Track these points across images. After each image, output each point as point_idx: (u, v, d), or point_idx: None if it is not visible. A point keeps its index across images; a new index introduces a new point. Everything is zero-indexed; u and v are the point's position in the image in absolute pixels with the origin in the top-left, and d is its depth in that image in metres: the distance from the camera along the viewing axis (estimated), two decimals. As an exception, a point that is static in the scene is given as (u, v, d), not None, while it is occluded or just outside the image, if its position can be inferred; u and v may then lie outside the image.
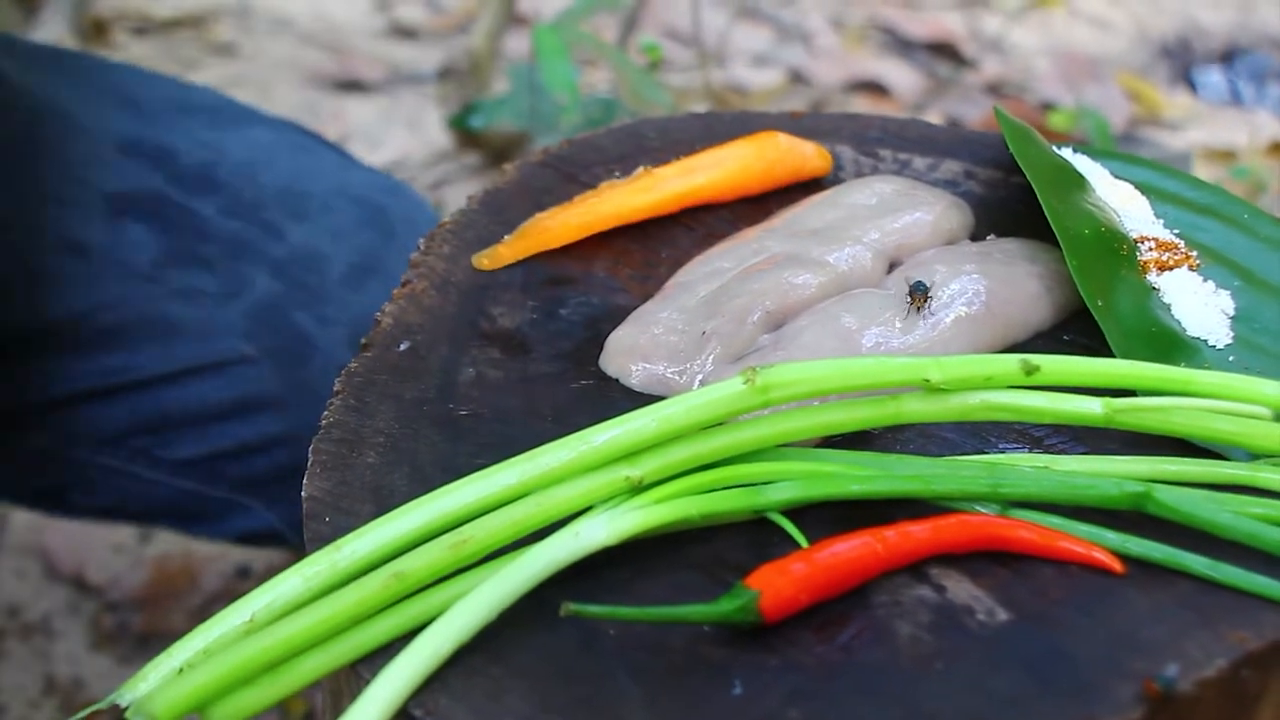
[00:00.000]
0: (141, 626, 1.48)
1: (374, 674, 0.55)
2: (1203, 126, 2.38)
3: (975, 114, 2.32)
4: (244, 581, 1.52)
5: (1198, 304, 0.74)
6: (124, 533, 1.58)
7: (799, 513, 0.62)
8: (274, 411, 0.64)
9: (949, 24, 2.62)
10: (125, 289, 0.96)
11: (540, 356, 0.74)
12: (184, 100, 0.96)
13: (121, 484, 1.03)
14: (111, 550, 1.56)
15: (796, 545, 0.60)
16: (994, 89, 2.44)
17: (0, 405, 0.96)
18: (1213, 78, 2.54)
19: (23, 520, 1.58)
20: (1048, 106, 2.34)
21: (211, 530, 1.09)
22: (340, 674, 0.59)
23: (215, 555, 1.55)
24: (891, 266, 0.78)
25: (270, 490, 0.63)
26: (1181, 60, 2.60)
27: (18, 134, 0.92)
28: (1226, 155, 2.27)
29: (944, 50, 2.55)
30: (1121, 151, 0.92)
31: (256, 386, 0.98)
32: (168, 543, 1.57)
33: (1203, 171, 2.16)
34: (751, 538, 0.63)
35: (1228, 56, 2.61)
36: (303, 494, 0.66)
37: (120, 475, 1.02)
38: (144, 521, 1.22)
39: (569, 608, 0.57)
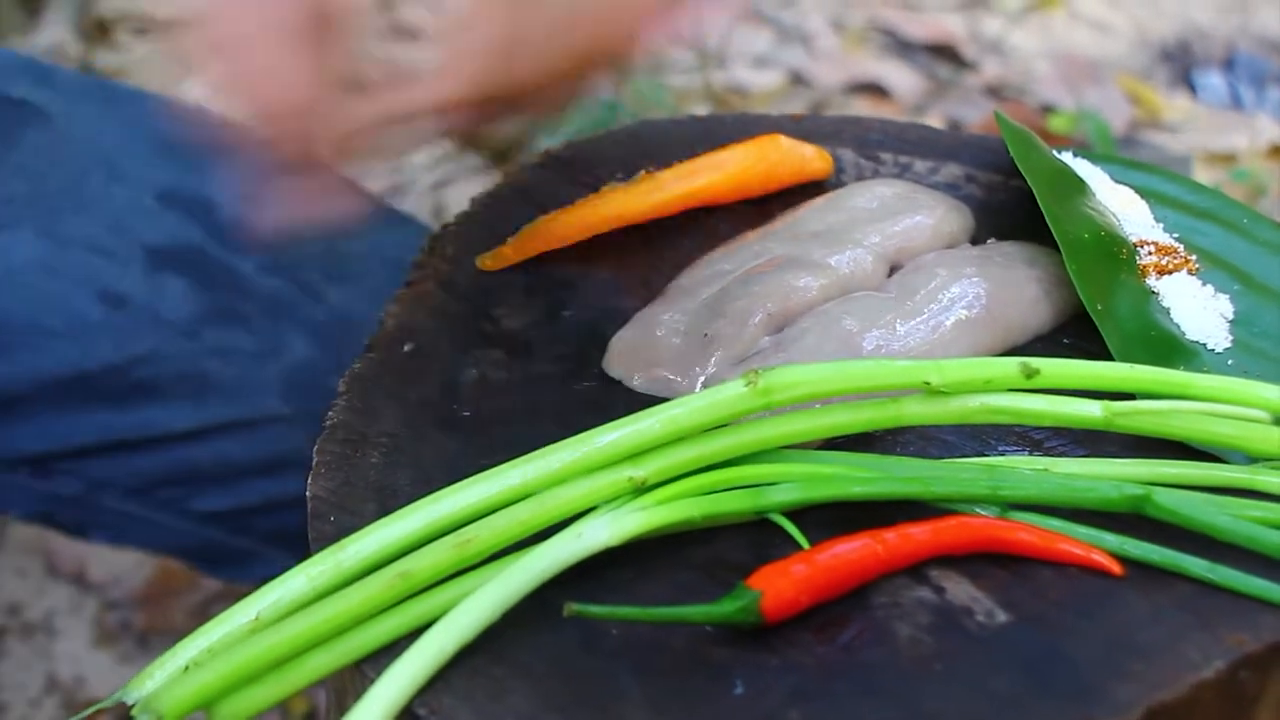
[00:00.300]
0: (143, 625, 1.48)
1: (378, 673, 0.56)
2: (1203, 129, 2.38)
3: (976, 116, 2.32)
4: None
5: (1197, 308, 0.75)
6: (125, 532, 1.58)
7: (799, 514, 0.63)
8: (305, 471, 0.65)
9: (949, 26, 2.62)
10: (162, 343, 0.96)
11: (543, 358, 0.75)
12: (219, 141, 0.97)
13: (147, 530, 1.04)
14: (113, 549, 1.56)
15: (797, 546, 0.61)
16: (994, 91, 2.45)
17: (29, 451, 0.97)
18: (1213, 81, 2.55)
19: (24, 519, 1.59)
20: (1048, 109, 2.35)
21: (235, 574, 1.10)
22: (344, 673, 0.59)
23: (216, 554, 1.56)
24: (892, 269, 0.78)
25: (297, 546, 0.64)
26: (1182, 63, 2.61)
27: (64, 181, 0.93)
28: (1226, 158, 2.27)
29: (944, 52, 2.55)
30: (1121, 155, 0.92)
31: (289, 446, 0.99)
32: (169, 542, 1.57)
33: (1203, 174, 2.17)
34: (753, 539, 0.63)
35: (1228, 60, 2.61)
36: (307, 494, 0.66)
37: (147, 523, 1.03)
38: (167, 554, 1.23)
39: (572, 608, 0.57)
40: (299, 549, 0.65)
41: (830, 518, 0.63)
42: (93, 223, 0.83)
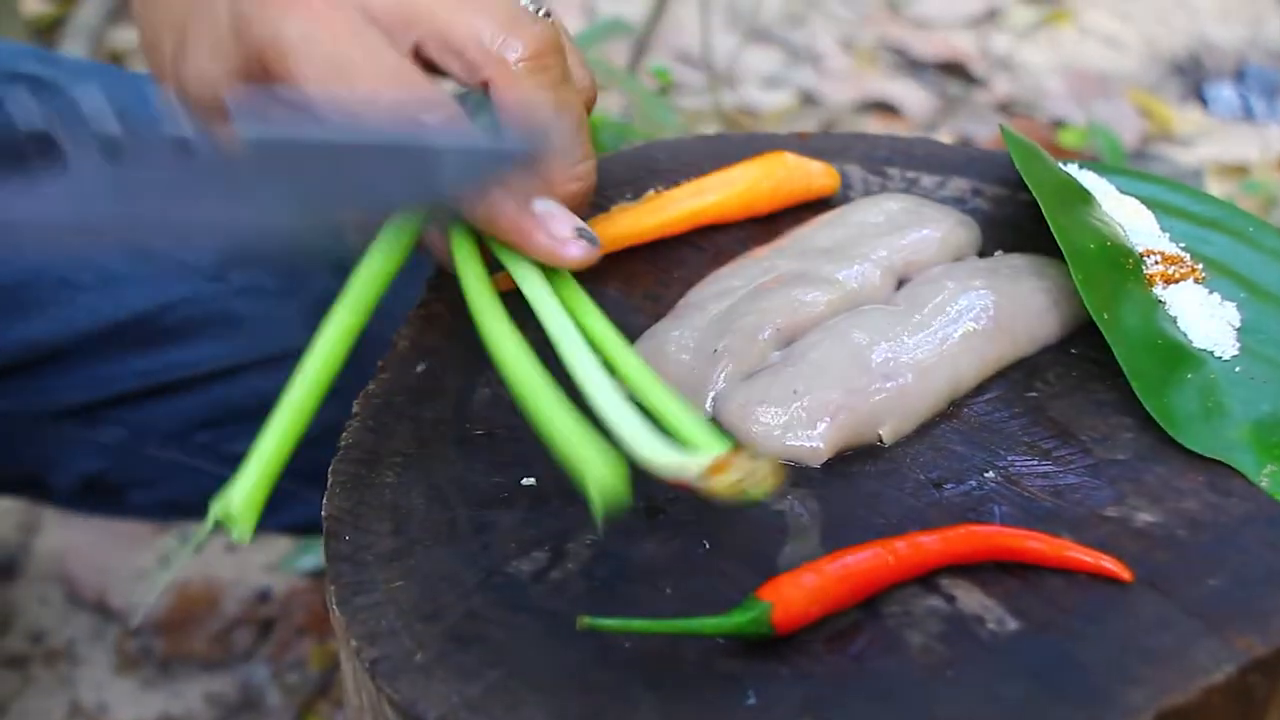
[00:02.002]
0: (164, 651, 1.49)
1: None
2: (1214, 142, 2.39)
3: (986, 133, 2.33)
4: (264, 605, 1.53)
5: (1204, 316, 0.75)
6: (146, 558, 1.59)
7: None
8: (334, 401, 0.66)
9: (959, 43, 2.63)
10: (190, 288, 1.01)
11: (555, 376, 0.75)
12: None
13: (183, 479, 1.06)
14: (134, 576, 1.57)
15: (809, 557, 0.61)
16: (1005, 107, 2.45)
17: (74, 402, 1.00)
18: (1224, 93, 2.55)
19: (45, 547, 1.60)
20: (1059, 124, 2.35)
21: (276, 521, 1.12)
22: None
23: (236, 580, 1.57)
24: (900, 283, 0.79)
25: (326, 480, 0.67)
26: (1192, 76, 2.61)
27: None
28: (1238, 170, 2.27)
29: (954, 70, 2.56)
30: (1128, 167, 0.92)
31: None
32: (189, 568, 1.58)
33: (1215, 187, 2.17)
34: (763, 550, 0.64)
35: (1239, 72, 2.61)
36: (322, 513, 0.67)
37: (183, 470, 1.06)
38: (199, 515, 1.24)
39: (585, 621, 0.58)
40: (326, 483, 0.68)
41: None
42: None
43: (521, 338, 0.67)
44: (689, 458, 0.60)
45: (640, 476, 0.62)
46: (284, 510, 1.10)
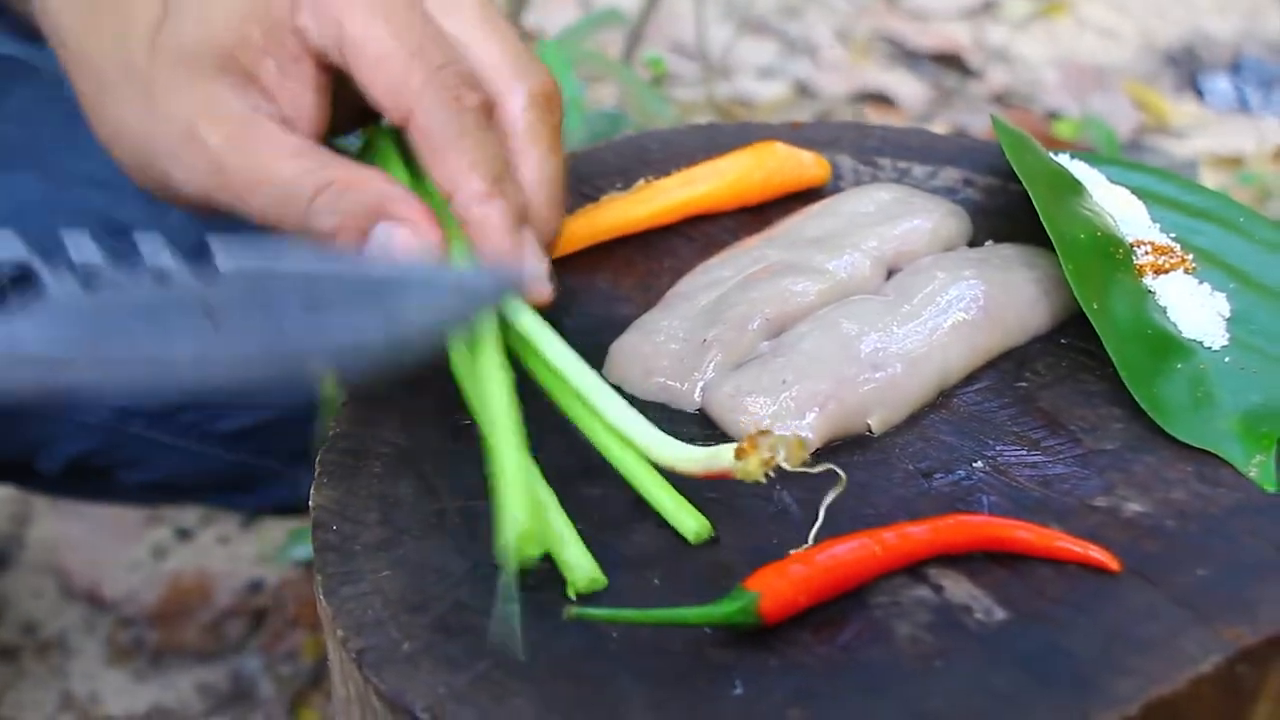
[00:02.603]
0: (157, 642, 1.49)
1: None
2: (1210, 134, 2.39)
3: (981, 124, 2.32)
4: (257, 596, 1.53)
5: (1194, 306, 0.75)
6: (139, 550, 1.59)
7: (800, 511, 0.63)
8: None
9: (955, 35, 2.63)
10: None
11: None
12: None
13: (171, 460, 1.06)
14: (126, 567, 1.57)
15: (796, 547, 0.61)
16: (1000, 99, 2.45)
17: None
18: (1220, 85, 2.55)
19: (38, 538, 1.60)
20: (1054, 116, 2.35)
21: (255, 501, 1.12)
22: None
23: (229, 571, 1.57)
24: (890, 273, 0.79)
25: (309, 458, 0.67)
26: (1188, 68, 2.61)
27: (57, 127, 0.95)
28: (1234, 162, 2.27)
29: (950, 61, 2.56)
30: (1120, 158, 0.92)
31: None
32: (182, 559, 1.58)
33: (1210, 178, 2.17)
34: (751, 541, 0.64)
35: (1234, 63, 2.61)
36: (310, 504, 0.67)
37: (171, 450, 1.05)
38: (188, 498, 1.25)
39: (572, 611, 0.58)
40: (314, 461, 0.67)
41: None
42: (89, 161, 0.86)
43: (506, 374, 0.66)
44: (718, 450, 0.61)
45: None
46: (269, 489, 1.11)
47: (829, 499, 0.61)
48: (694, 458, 0.63)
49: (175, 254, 0.64)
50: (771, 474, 0.59)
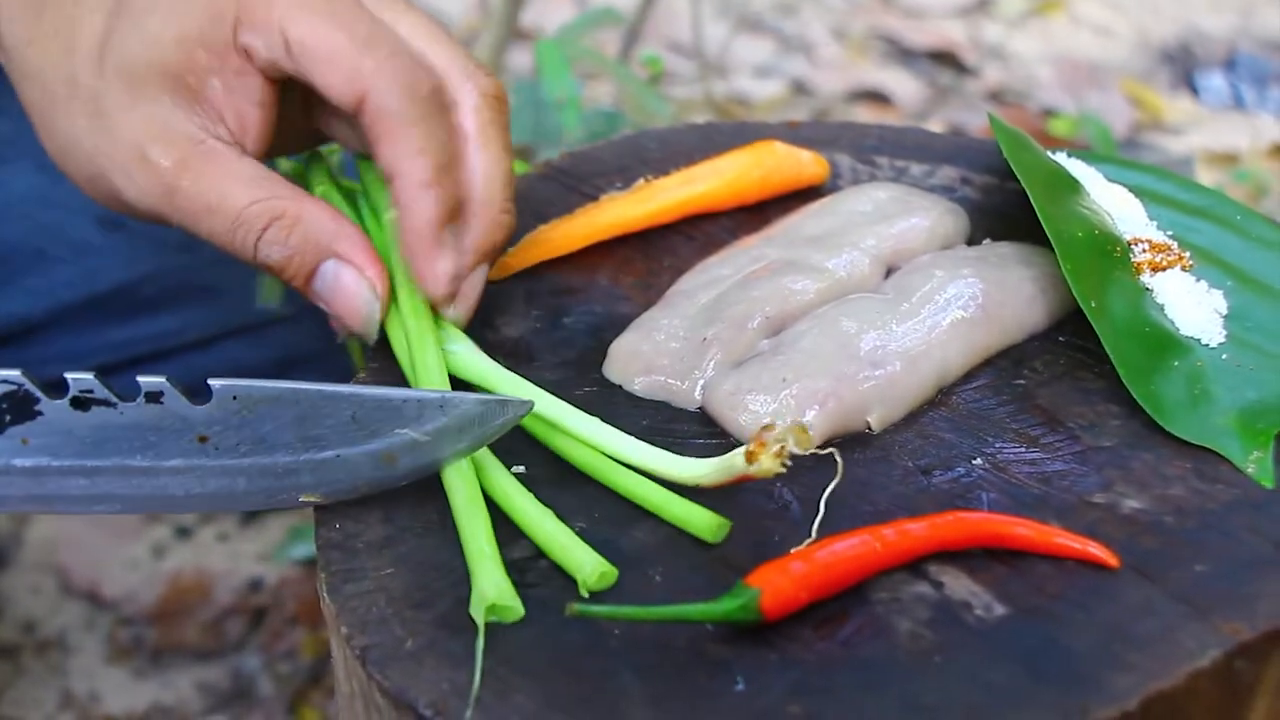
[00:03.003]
0: (156, 641, 1.49)
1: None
2: (1205, 130, 2.39)
3: (978, 122, 2.33)
4: (256, 594, 1.54)
5: (1191, 304, 0.75)
6: (138, 548, 1.59)
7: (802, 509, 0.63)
8: (316, 366, 0.67)
9: (950, 32, 2.63)
10: (164, 259, 1.01)
11: (544, 365, 0.76)
12: None
13: None
14: (126, 566, 1.57)
15: (797, 544, 0.61)
16: (996, 96, 2.45)
17: (52, 376, 1.02)
18: (1214, 82, 2.55)
19: (38, 536, 1.60)
20: (1050, 113, 2.35)
21: None
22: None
23: (228, 570, 1.57)
24: (889, 271, 0.79)
25: None
26: (1183, 65, 2.61)
27: None
28: (1229, 159, 2.28)
29: (946, 59, 2.56)
30: (1117, 156, 0.93)
31: (294, 345, 1.04)
32: (181, 557, 1.58)
33: (1205, 175, 2.17)
34: (752, 537, 0.64)
35: (1229, 60, 2.62)
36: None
37: None
38: None
39: (574, 608, 0.58)
40: None
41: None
42: None
43: None
44: (730, 458, 0.62)
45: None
46: None
47: (828, 490, 0.62)
48: (708, 471, 0.63)
49: (171, 381, 0.65)
50: (788, 464, 0.60)
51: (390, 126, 0.71)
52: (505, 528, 0.65)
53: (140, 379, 0.65)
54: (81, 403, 0.64)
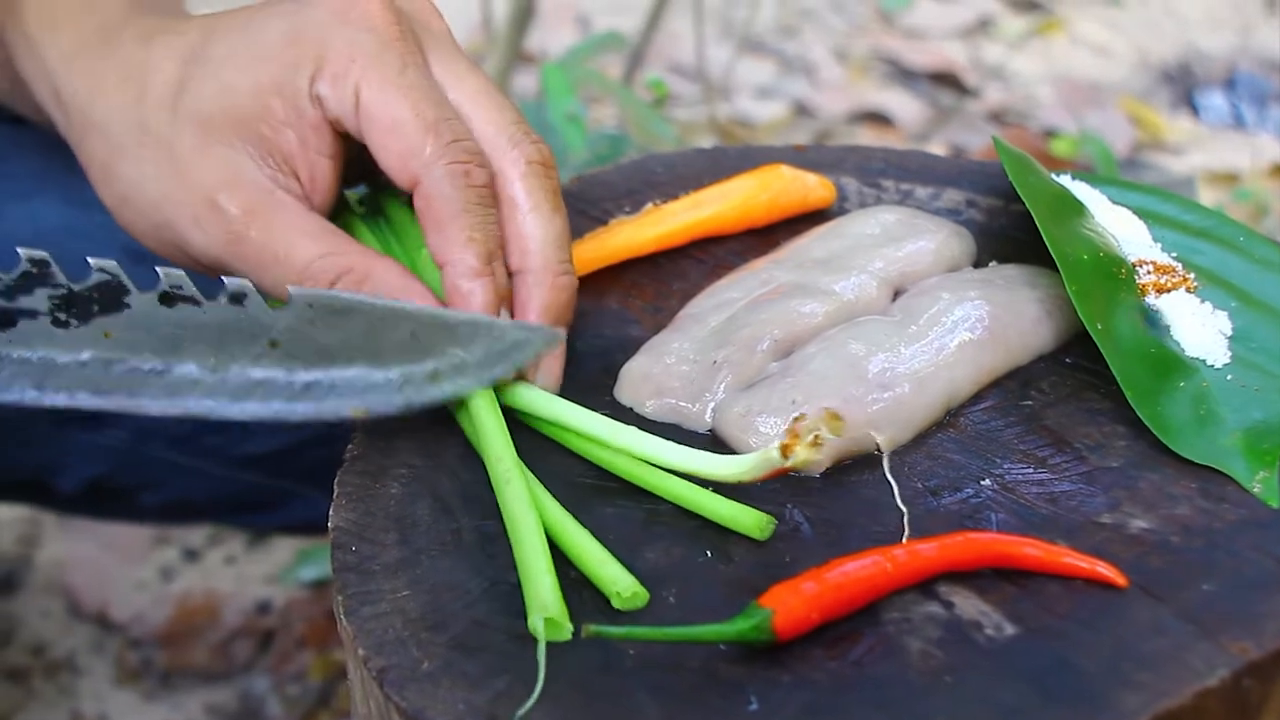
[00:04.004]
0: (165, 663, 1.49)
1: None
2: (1205, 150, 2.40)
3: (979, 142, 2.34)
4: (265, 616, 1.54)
5: (1196, 325, 0.76)
6: (146, 570, 1.59)
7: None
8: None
9: (951, 54, 2.64)
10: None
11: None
12: None
13: (191, 480, 1.07)
14: (134, 588, 1.58)
15: (809, 565, 0.62)
16: (997, 117, 2.47)
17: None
18: (1215, 101, 2.56)
19: (47, 559, 1.61)
20: (1050, 133, 2.36)
21: (270, 520, 1.13)
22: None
23: (236, 592, 1.57)
24: (896, 294, 0.80)
25: (331, 478, 0.69)
26: (1183, 84, 2.63)
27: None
28: (1229, 178, 2.28)
29: (946, 80, 2.58)
30: (1121, 178, 0.93)
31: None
32: (189, 580, 1.59)
33: (1206, 195, 2.18)
34: (764, 559, 0.65)
35: (1229, 79, 2.63)
36: (329, 525, 0.68)
37: (189, 473, 1.06)
38: (205, 518, 1.26)
39: (590, 629, 0.59)
40: (330, 482, 0.69)
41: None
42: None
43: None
44: (765, 453, 0.63)
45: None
46: (285, 509, 1.12)
47: (895, 487, 0.66)
48: (748, 467, 0.65)
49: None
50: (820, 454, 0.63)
51: (441, 217, 0.72)
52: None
53: (226, 279, 0.68)
54: (169, 298, 0.66)
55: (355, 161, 0.77)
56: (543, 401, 0.72)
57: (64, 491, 1.09)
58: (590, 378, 0.77)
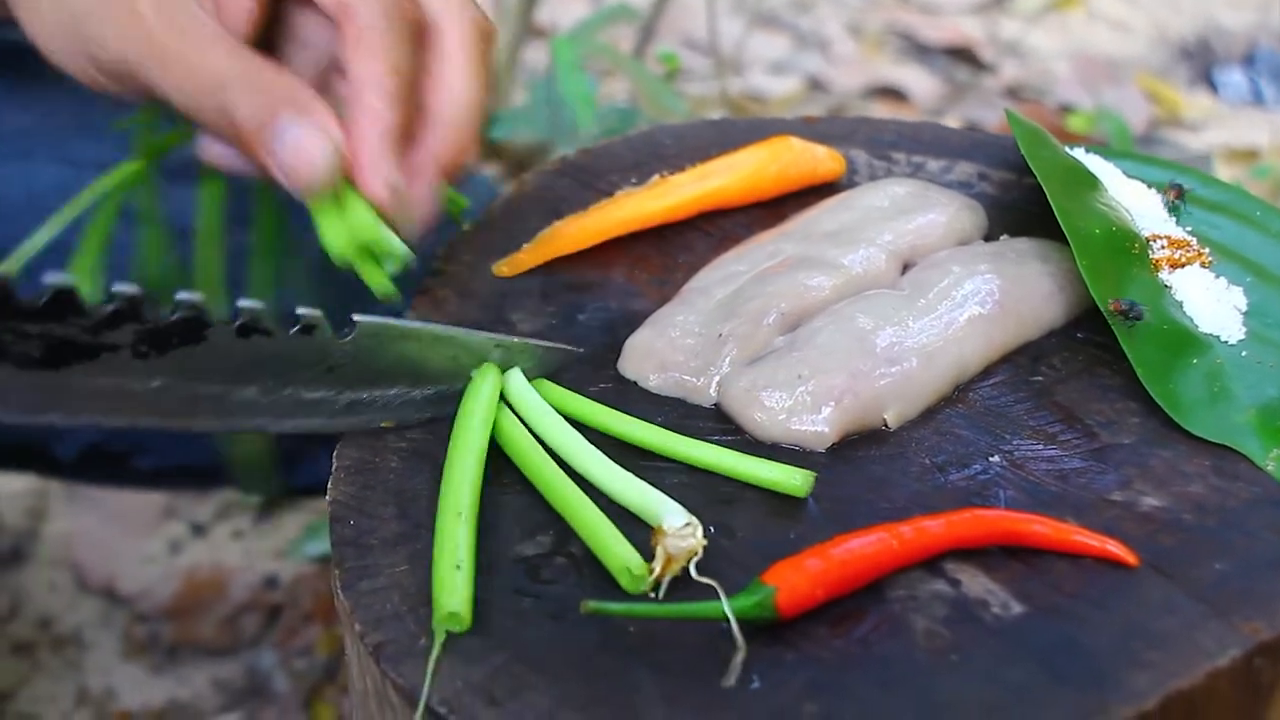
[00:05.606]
0: (172, 637, 1.49)
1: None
2: (1224, 127, 2.38)
3: (994, 118, 2.32)
4: (272, 591, 1.54)
5: (1210, 300, 0.75)
6: (154, 544, 1.59)
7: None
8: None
9: (967, 29, 2.62)
10: (184, 251, 1.00)
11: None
12: None
13: (186, 444, 1.07)
14: (141, 562, 1.57)
15: (814, 541, 0.61)
16: (1013, 93, 2.44)
17: None
18: (1233, 77, 2.54)
19: (54, 532, 1.60)
20: (1067, 109, 2.34)
21: (282, 483, 1.12)
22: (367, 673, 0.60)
23: (243, 566, 1.57)
24: (906, 267, 0.79)
25: (332, 440, 0.68)
26: (1201, 61, 2.60)
27: (70, 112, 0.96)
28: (1248, 155, 2.26)
29: (962, 55, 2.55)
30: (1135, 151, 0.92)
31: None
32: (197, 554, 1.58)
33: (1224, 172, 2.16)
34: (768, 535, 0.64)
35: (1248, 56, 2.60)
36: (326, 499, 0.67)
37: (185, 436, 1.05)
38: (201, 484, 1.25)
39: (589, 606, 0.58)
40: (333, 443, 0.69)
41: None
42: (102, 146, 0.86)
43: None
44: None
45: None
46: (300, 470, 1.12)
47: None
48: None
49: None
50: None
51: (365, 37, 0.72)
52: (528, 521, 0.65)
53: (300, 310, 0.68)
54: (246, 330, 0.67)
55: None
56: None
57: (63, 459, 1.08)
58: (595, 351, 0.76)
